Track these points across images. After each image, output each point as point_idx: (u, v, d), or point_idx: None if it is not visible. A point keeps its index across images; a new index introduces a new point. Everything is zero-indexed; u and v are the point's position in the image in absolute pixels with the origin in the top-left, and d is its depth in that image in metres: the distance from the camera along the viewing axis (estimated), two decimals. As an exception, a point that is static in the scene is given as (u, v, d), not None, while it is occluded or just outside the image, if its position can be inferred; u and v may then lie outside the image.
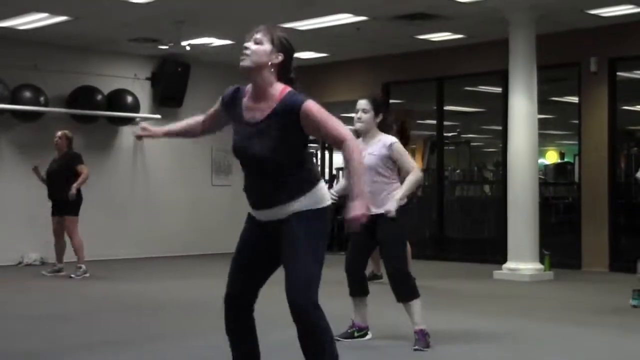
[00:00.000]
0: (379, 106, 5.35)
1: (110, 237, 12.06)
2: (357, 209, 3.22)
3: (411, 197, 5.60)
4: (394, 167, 5.30)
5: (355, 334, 5.49)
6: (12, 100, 11.11)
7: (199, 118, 3.72)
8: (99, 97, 11.96)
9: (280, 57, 3.38)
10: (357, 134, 5.34)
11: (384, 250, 5.29)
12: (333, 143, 3.37)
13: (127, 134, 12.68)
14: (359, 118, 5.31)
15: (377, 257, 9.10)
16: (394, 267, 5.23)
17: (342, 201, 5.09)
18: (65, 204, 9.42)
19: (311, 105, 3.29)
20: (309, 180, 3.39)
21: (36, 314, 7.00)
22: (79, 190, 9.50)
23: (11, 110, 11.14)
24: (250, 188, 3.46)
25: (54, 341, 5.72)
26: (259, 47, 3.37)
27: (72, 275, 9.42)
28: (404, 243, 5.38)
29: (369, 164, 5.13)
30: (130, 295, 8.26)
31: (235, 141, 3.42)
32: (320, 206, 3.39)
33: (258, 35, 3.40)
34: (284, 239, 3.36)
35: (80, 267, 9.48)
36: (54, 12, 9.92)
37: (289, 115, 3.29)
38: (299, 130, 3.31)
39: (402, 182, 5.32)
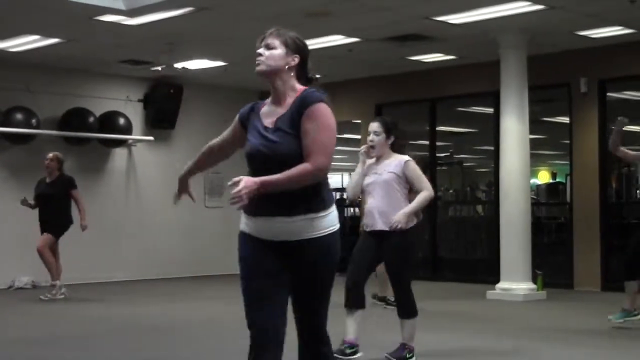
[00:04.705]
0: (390, 128, 5.40)
1: (103, 260, 12.00)
2: (249, 182, 2.93)
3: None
4: (407, 187, 5.35)
5: (347, 351, 5.43)
6: (4, 123, 11.10)
7: (209, 145, 3.49)
8: (91, 119, 11.96)
9: (296, 59, 3.21)
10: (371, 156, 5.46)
11: (392, 267, 5.37)
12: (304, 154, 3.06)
13: (119, 155, 12.67)
14: (371, 141, 5.37)
15: (383, 279, 9.02)
16: (400, 283, 5.34)
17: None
18: (51, 224, 9.34)
19: (322, 108, 3.09)
20: (328, 197, 3.19)
21: (27, 337, 6.94)
22: (69, 214, 9.44)
23: (3, 132, 11.13)
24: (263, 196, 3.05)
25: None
26: (272, 52, 3.19)
27: (43, 297, 9.35)
28: (411, 261, 5.47)
29: (385, 179, 5.28)
30: (123, 318, 8.21)
31: (250, 143, 3.18)
32: (337, 227, 3.21)
33: (269, 40, 3.22)
34: (303, 273, 3.16)
35: (54, 285, 9.39)
36: (45, 34, 9.94)
37: (299, 110, 3.10)
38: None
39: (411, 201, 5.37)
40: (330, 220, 3.16)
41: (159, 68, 11.81)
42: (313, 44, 10.30)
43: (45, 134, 11.55)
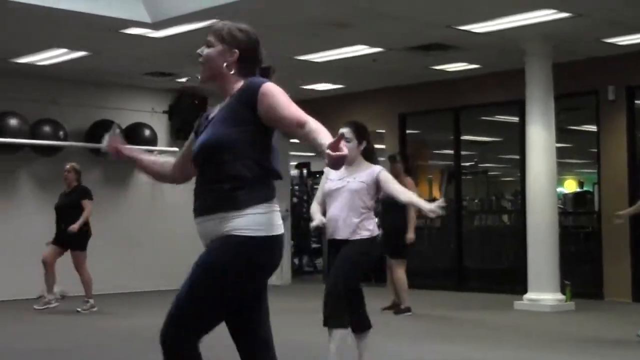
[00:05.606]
0: (361, 133, 5.15)
1: (126, 271, 12.05)
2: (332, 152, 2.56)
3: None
4: (374, 199, 5.11)
5: None
6: (32, 135, 11.21)
7: (171, 161, 3.32)
8: (117, 130, 12.03)
9: (235, 54, 2.96)
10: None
11: (336, 271, 4.95)
12: (290, 127, 2.79)
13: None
14: None
15: (395, 287, 9.10)
16: (336, 286, 4.89)
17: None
18: (72, 238, 9.33)
19: (271, 86, 2.87)
20: (255, 195, 2.87)
21: (49, 347, 6.98)
22: (88, 225, 9.46)
23: (30, 144, 11.24)
24: (195, 189, 3.02)
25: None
26: (209, 52, 2.98)
27: (79, 309, 9.39)
28: (360, 270, 5.07)
29: (354, 188, 5.01)
30: (145, 329, 8.21)
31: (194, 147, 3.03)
32: (254, 234, 2.83)
33: (208, 37, 3.00)
34: None
35: (88, 301, 9.44)
36: (72, 47, 10.04)
37: (245, 97, 2.88)
38: (252, 115, 2.86)
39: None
40: (240, 222, 2.84)
41: (184, 80, 11.88)
42: (336, 54, 10.33)
43: (72, 146, 11.65)
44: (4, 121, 10.98)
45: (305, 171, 16.17)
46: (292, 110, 2.81)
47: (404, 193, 5.11)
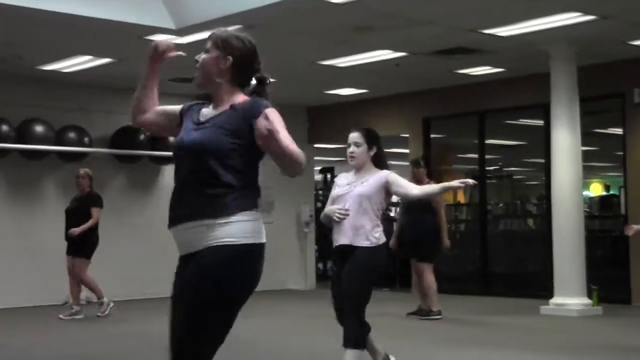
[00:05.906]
0: (371, 138, 5.05)
1: (152, 276, 12.10)
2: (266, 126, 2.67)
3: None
4: (383, 205, 4.97)
5: None
6: (57, 141, 11.32)
7: (157, 106, 3.30)
8: (142, 136, 12.13)
9: (229, 61, 3.01)
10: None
11: (346, 284, 4.83)
12: (277, 151, 2.78)
13: (169, 172, 12.81)
14: (351, 152, 5.01)
15: (425, 291, 9.05)
16: (352, 305, 4.79)
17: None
18: (79, 245, 9.36)
19: (273, 112, 2.90)
20: (242, 201, 2.86)
21: (77, 353, 7.02)
22: (94, 234, 9.47)
23: (56, 151, 11.35)
24: (175, 196, 2.94)
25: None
26: (203, 58, 3.05)
27: (99, 314, 9.43)
28: (368, 286, 4.88)
29: (361, 192, 4.89)
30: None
31: (178, 137, 3.02)
32: (244, 241, 2.82)
33: (206, 44, 3.05)
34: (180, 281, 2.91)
35: (102, 302, 9.49)
36: (97, 54, 10.13)
37: (248, 114, 2.91)
38: (249, 132, 2.89)
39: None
40: (230, 230, 2.81)
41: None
42: (360, 58, 10.32)
43: (98, 152, 11.74)
44: (30, 128, 11.10)
45: (329, 176, 16.17)
46: (284, 136, 2.82)
47: (416, 188, 5.06)
